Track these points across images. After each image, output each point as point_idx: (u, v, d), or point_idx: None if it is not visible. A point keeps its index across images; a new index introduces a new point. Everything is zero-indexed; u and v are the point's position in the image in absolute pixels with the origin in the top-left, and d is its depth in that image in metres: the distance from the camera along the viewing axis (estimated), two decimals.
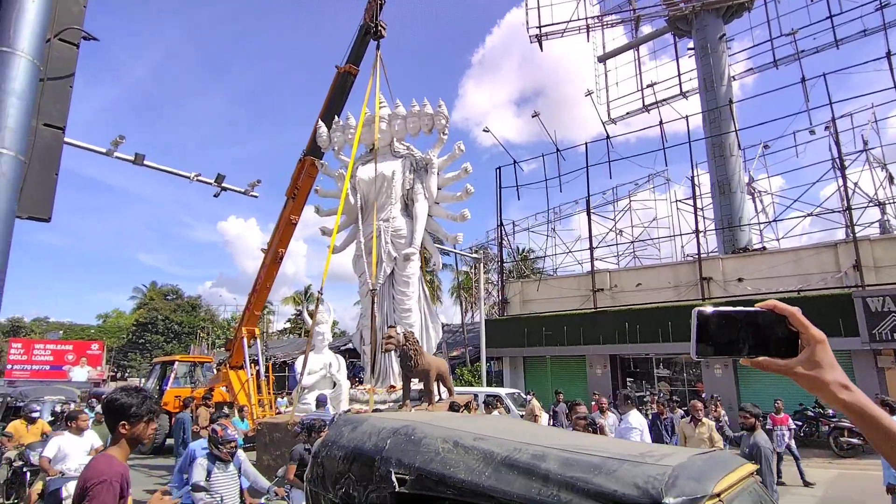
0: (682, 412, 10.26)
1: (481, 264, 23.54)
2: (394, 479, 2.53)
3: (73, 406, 11.24)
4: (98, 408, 12.04)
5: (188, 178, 12.72)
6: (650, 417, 9.42)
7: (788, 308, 0.93)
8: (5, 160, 2.01)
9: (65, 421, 6.18)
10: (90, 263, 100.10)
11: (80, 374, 29.81)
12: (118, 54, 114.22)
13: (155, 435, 2.38)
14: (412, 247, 9.24)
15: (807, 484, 9.73)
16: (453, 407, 7.35)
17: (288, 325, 53.43)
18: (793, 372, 0.92)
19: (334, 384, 8.71)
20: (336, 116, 11.07)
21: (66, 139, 2.53)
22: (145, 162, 11.98)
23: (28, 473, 7.11)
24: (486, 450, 2.41)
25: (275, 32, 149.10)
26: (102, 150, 11.69)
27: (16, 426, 8.08)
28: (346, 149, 10.44)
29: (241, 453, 4.97)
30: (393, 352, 7.66)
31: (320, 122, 10.61)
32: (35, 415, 8.27)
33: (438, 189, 9.85)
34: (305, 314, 9.27)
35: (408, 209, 9.76)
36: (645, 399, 15.67)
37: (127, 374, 48.33)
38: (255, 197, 13.81)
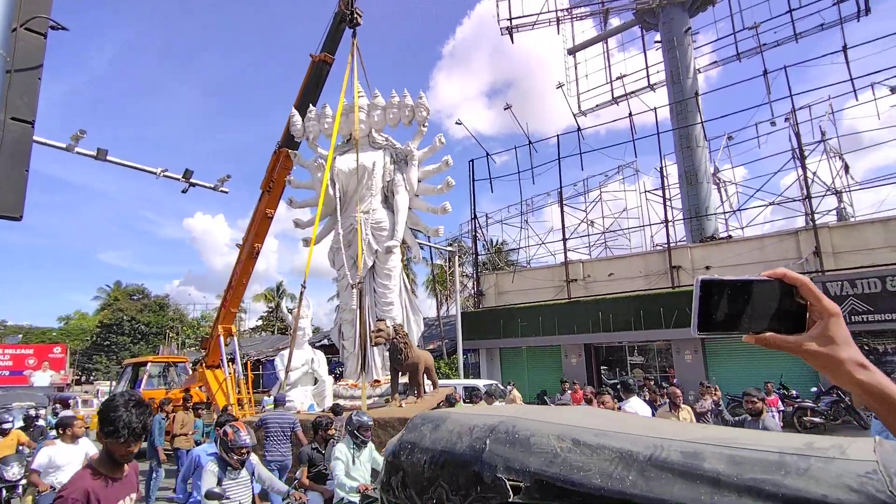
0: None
1: (456, 257, 23.58)
2: (507, 486, 2.16)
3: (43, 412, 10.68)
4: (61, 413, 11.54)
5: (154, 173, 12.29)
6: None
7: (799, 277, 0.83)
8: None
9: (56, 428, 5.58)
10: (50, 263, 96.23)
11: (42, 378, 28.65)
12: (76, 45, 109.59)
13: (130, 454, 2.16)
14: (394, 239, 9.12)
15: None
16: (450, 399, 7.35)
17: (260, 322, 52.56)
18: (803, 349, 0.82)
19: (315, 380, 8.53)
20: (311, 105, 10.85)
21: None
22: (108, 157, 11.53)
23: (3, 490, 6.63)
24: (619, 448, 2.03)
25: (243, 21, 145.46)
26: (62, 145, 11.19)
27: None
28: (321, 139, 10.19)
29: (253, 457, 4.58)
30: (382, 345, 7.56)
31: (294, 111, 10.31)
32: (7, 426, 7.56)
33: (418, 181, 9.76)
34: (285, 310, 9.01)
35: (387, 201, 9.62)
36: (631, 385, 15.96)
37: (92, 378, 46.74)
38: (226, 192, 13.47)
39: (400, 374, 7.79)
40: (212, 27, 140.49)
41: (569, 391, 14.13)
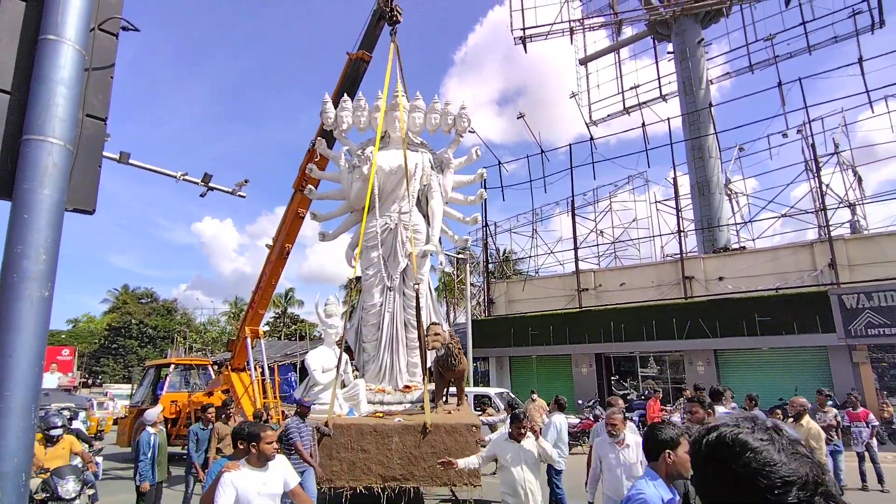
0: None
1: (467, 265, 23.59)
2: None
3: (82, 415, 10.00)
4: (81, 417, 11.19)
5: (174, 177, 12.39)
6: None
7: None
8: (56, 150, 1.96)
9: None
10: (59, 265, 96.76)
11: (50, 380, 28.71)
12: None
13: None
14: (430, 244, 9.05)
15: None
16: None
17: (267, 328, 52.66)
18: None
19: (343, 383, 8.34)
20: (345, 95, 10.43)
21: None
22: (130, 161, 11.66)
23: None
24: None
25: (255, 22, 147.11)
26: None
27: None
28: (352, 132, 9.97)
29: None
30: (437, 350, 7.45)
31: (327, 97, 9.98)
32: (55, 432, 6.43)
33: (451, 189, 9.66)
34: (319, 311, 8.70)
35: (419, 204, 9.54)
36: (721, 392, 15.58)
37: (99, 380, 46.91)
38: (243, 197, 13.55)
39: (445, 379, 7.71)
40: (221, 28, 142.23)
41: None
